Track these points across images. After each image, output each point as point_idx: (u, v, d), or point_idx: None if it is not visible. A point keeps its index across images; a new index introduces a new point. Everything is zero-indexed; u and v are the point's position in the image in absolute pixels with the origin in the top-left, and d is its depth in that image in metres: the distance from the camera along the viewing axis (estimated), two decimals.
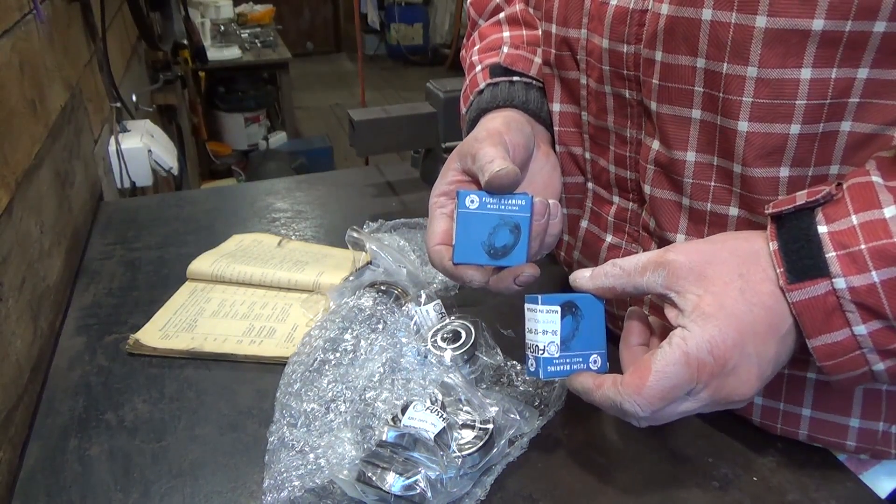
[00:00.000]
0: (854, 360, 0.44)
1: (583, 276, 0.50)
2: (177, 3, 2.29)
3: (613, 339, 0.53)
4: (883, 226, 0.41)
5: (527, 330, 0.51)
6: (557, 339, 0.50)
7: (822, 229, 0.43)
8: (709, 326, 0.43)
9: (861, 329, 0.42)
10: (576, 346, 0.51)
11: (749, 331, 0.44)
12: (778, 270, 0.44)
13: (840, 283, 0.42)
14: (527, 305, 0.51)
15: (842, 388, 0.47)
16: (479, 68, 0.68)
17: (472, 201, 0.53)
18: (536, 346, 0.50)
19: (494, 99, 0.64)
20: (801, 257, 0.43)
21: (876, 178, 0.43)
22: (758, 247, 0.46)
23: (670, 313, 0.46)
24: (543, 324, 0.50)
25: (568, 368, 0.50)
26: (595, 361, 0.51)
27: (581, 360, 0.51)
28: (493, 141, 0.55)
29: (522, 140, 0.58)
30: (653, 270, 0.46)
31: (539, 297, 0.50)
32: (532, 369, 0.51)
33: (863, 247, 0.41)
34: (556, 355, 0.50)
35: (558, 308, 0.50)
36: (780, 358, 0.46)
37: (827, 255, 0.42)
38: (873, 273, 0.41)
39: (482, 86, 0.65)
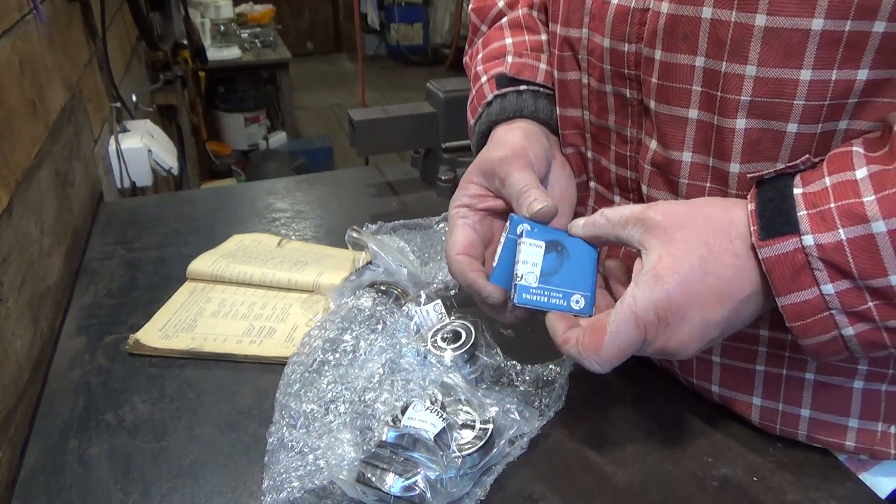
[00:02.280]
0: (823, 322, 0.44)
1: (577, 224, 0.54)
2: (177, 3, 2.28)
3: None
4: (853, 186, 0.42)
5: (514, 260, 0.53)
6: (537, 271, 0.52)
7: (797, 191, 0.44)
8: (658, 289, 0.46)
9: (829, 288, 0.43)
10: (557, 281, 0.52)
11: (698, 298, 0.46)
12: (752, 228, 0.45)
13: (808, 239, 0.43)
14: (518, 239, 0.53)
15: (817, 358, 0.48)
16: (484, 79, 0.67)
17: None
18: (517, 273, 0.52)
19: (504, 111, 0.64)
20: (774, 216, 0.44)
21: (857, 148, 0.44)
22: (733, 216, 0.47)
23: (636, 266, 0.49)
24: (525, 254, 0.52)
25: (545, 301, 0.52)
26: (577, 301, 0.52)
27: (561, 296, 0.52)
28: (521, 163, 0.57)
29: (542, 152, 0.60)
30: (633, 225, 0.49)
31: (526, 226, 0.53)
32: (512, 297, 0.52)
33: (832, 205, 0.43)
34: (534, 285, 0.52)
35: (542, 244, 0.53)
36: (730, 323, 0.47)
37: (798, 214, 0.44)
38: (840, 231, 0.42)
39: (490, 97, 0.65)
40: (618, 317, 0.47)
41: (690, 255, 0.46)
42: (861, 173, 0.42)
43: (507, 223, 0.55)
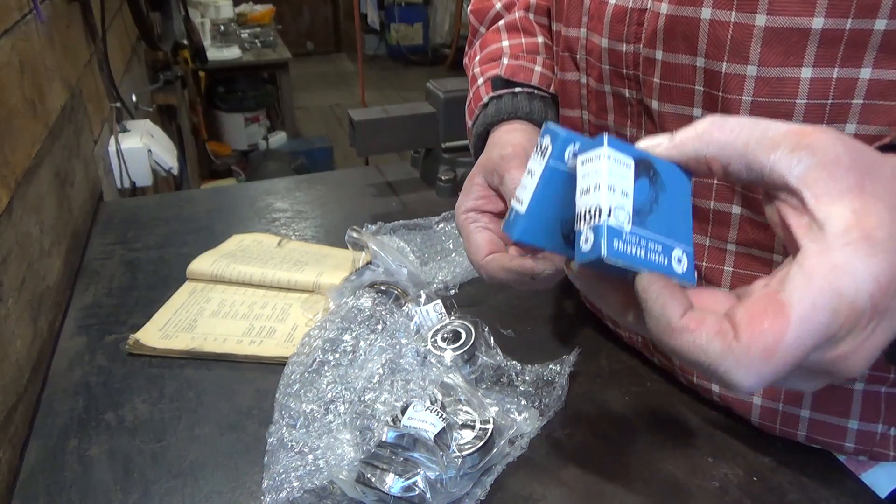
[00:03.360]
0: None
1: (658, 142, 0.36)
2: (177, 3, 2.29)
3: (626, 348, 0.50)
4: None
5: (579, 191, 0.34)
6: (629, 205, 0.33)
7: None
8: (878, 259, 0.30)
9: None
10: (653, 225, 0.34)
11: None
12: None
13: None
14: (578, 156, 0.34)
15: None
16: (481, 81, 0.68)
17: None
18: (597, 208, 0.32)
19: (499, 112, 0.64)
20: None
21: None
22: None
23: (794, 222, 0.32)
24: (610, 176, 0.32)
25: (642, 255, 0.33)
26: (679, 260, 0.34)
27: (661, 249, 0.34)
28: (521, 161, 0.56)
29: None
30: (791, 150, 0.32)
31: (605, 136, 0.34)
32: (585, 248, 0.33)
33: None
34: (627, 227, 0.32)
35: (632, 161, 0.33)
36: None
37: None
38: None
39: (485, 99, 0.66)
40: (808, 294, 0.30)
41: None
42: None
43: (541, 140, 0.38)
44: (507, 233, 0.38)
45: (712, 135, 0.34)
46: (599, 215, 0.32)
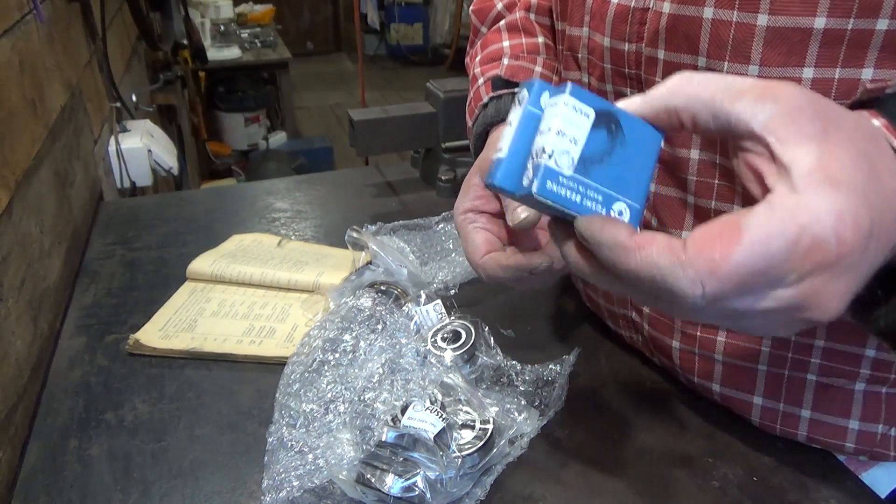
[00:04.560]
0: None
1: (632, 100, 0.37)
2: (177, 3, 2.29)
3: (613, 339, 0.52)
4: None
5: (538, 131, 0.36)
6: (576, 152, 0.34)
7: None
8: (839, 197, 0.30)
9: None
10: (599, 176, 0.35)
11: (878, 223, 0.31)
12: (894, 143, 0.34)
13: None
14: (548, 101, 0.36)
15: None
16: (481, 81, 0.68)
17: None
18: (542, 148, 0.34)
19: (499, 112, 0.64)
20: None
21: None
22: (875, 124, 0.35)
23: (762, 168, 0.33)
24: (563, 122, 0.34)
25: (576, 200, 0.34)
26: (620, 213, 0.35)
27: (601, 199, 0.35)
28: None
29: None
30: (755, 99, 0.33)
31: (568, 84, 0.35)
32: (525, 183, 0.35)
33: None
34: (567, 172, 0.34)
35: (592, 112, 0.35)
36: (870, 272, 0.33)
37: None
38: None
39: (485, 100, 0.66)
40: (767, 223, 0.30)
41: (860, 165, 0.32)
42: None
43: (518, 93, 0.38)
44: (488, 182, 0.38)
45: (681, 87, 0.35)
46: (543, 155, 0.34)
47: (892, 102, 0.36)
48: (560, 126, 0.34)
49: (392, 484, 0.49)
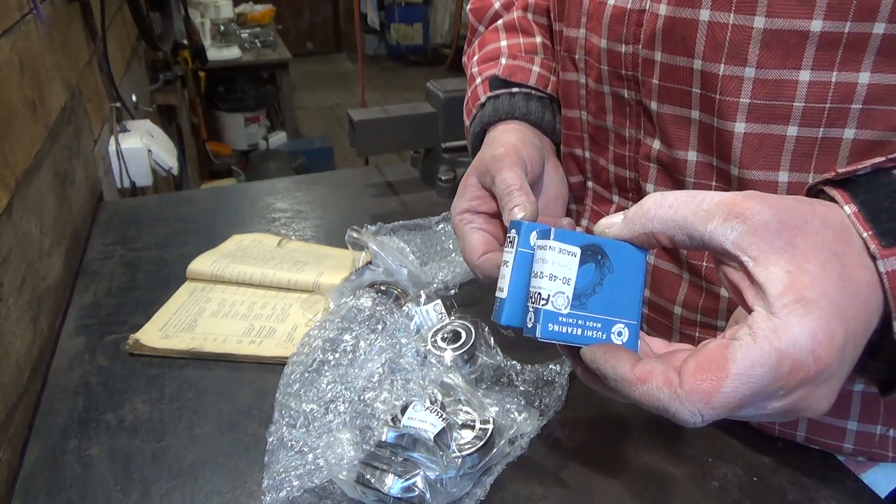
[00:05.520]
0: None
1: (612, 222, 0.39)
2: (177, 3, 2.29)
3: None
4: None
5: (532, 273, 0.39)
6: (570, 291, 0.38)
7: None
8: (811, 318, 0.33)
9: None
10: (595, 306, 0.38)
11: (852, 329, 0.34)
12: (864, 234, 0.35)
13: None
14: (536, 241, 0.40)
15: None
16: (479, 80, 0.68)
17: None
18: (539, 294, 0.38)
19: (496, 112, 0.64)
20: (891, 217, 0.35)
21: None
22: (843, 216, 0.36)
23: (741, 284, 0.35)
24: (553, 266, 0.38)
25: (578, 333, 0.38)
26: (619, 334, 0.39)
27: (600, 326, 0.39)
28: (511, 162, 0.55)
29: (536, 154, 0.59)
30: (723, 219, 0.35)
31: (552, 230, 0.38)
32: (529, 325, 0.39)
33: None
34: (564, 311, 0.38)
35: (578, 250, 0.38)
36: (850, 369, 0.36)
37: None
38: None
39: (483, 99, 0.66)
40: (751, 354, 0.33)
41: (829, 271, 0.34)
42: None
43: (508, 234, 0.43)
44: (495, 320, 0.42)
45: (655, 212, 0.37)
46: (539, 300, 0.38)
47: (864, 188, 0.37)
48: (551, 270, 0.38)
49: (392, 484, 0.49)
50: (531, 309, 0.39)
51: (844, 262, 0.35)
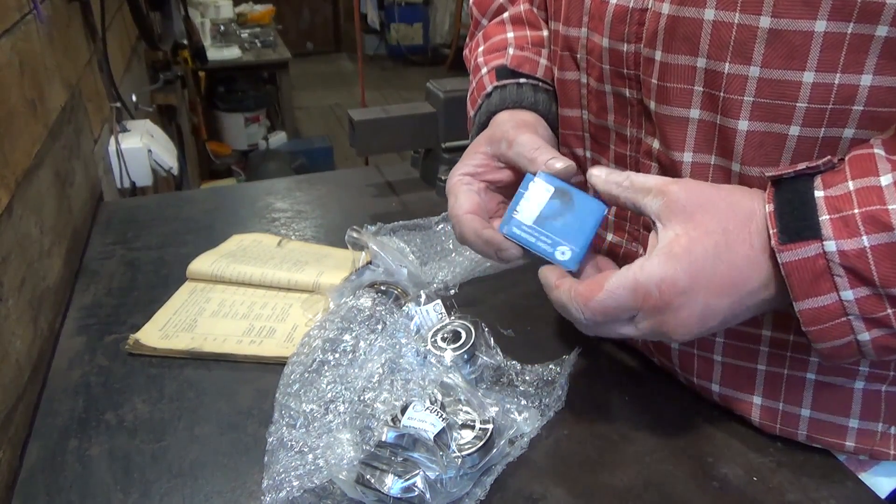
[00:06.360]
0: (839, 327, 0.44)
1: (598, 174, 0.52)
2: (177, 3, 2.29)
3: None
4: (878, 192, 0.42)
5: (523, 198, 0.54)
6: (536, 212, 0.53)
7: (819, 193, 0.43)
8: (668, 266, 0.45)
9: (848, 294, 0.43)
10: (551, 228, 0.53)
11: (706, 283, 0.45)
12: (771, 231, 0.44)
13: (830, 245, 0.42)
14: (534, 178, 0.54)
15: (827, 360, 0.48)
16: (485, 70, 0.68)
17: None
18: (517, 207, 0.54)
19: (504, 101, 0.64)
20: (794, 219, 0.44)
21: (878, 151, 0.44)
22: (755, 206, 0.46)
23: (651, 240, 0.48)
24: (532, 193, 0.54)
25: (533, 241, 0.53)
26: (563, 252, 0.52)
27: (550, 242, 0.53)
28: (530, 130, 0.58)
29: (547, 137, 0.61)
30: (654, 195, 0.48)
31: (543, 173, 0.54)
32: (504, 227, 0.54)
33: (856, 211, 0.42)
34: (528, 223, 0.53)
35: (552, 189, 0.54)
36: (733, 313, 0.47)
37: (820, 219, 0.43)
38: (864, 238, 0.41)
39: (490, 88, 0.65)
40: (618, 278, 0.47)
41: (707, 239, 0.45)
42: (886, 180, 0.42)
43: (524, 181, 0.55)
44: (501, 229, 0.55)
45: (619, 181, 0.50)
46: (515, 212, 0.54)
47: (783, 190, 0.45)
48: (530, 195, 0.54)
49: (392, 484, 0.49)
50: (511, 217, 0.54)
51: (728, 237, 0.45)
